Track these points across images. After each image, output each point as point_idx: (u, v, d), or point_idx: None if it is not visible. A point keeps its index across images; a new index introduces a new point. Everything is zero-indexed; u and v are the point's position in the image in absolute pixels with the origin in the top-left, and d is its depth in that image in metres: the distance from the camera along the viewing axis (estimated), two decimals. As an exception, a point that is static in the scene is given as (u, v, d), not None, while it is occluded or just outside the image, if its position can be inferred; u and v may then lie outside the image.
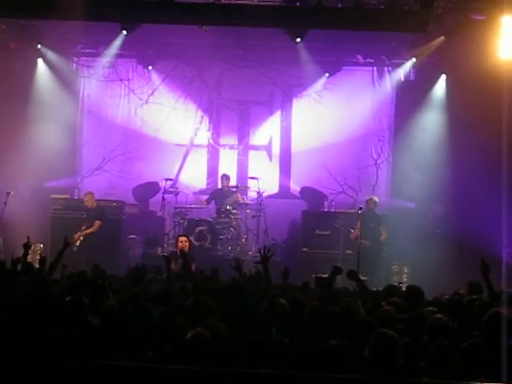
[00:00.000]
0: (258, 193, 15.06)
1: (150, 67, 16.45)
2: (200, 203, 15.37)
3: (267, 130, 16.83)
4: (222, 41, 15.06)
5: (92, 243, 13.82)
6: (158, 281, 8.41)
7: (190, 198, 15.74)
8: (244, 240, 15.11)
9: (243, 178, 16.36)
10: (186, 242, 11.95)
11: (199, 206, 15.39)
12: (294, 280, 8.58)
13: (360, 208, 13.58)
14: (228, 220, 14.90)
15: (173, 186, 15.70)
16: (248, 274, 8.56)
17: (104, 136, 16.64)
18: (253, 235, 15.21)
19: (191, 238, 13.44)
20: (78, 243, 13.76)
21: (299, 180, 16.48)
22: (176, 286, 7.65)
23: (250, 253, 14.71)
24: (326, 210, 15.49)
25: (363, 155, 16.31)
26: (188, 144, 16.81)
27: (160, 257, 13.29)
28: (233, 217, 14.96)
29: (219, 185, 15.82)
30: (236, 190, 15.35)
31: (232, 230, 14.91)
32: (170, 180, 15.53)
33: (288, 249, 15.13)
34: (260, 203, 14.96)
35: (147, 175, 16.29)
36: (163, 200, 15.01)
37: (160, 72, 16.63)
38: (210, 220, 14.84)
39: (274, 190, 16.48)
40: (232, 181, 15.71)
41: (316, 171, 16.12)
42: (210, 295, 7.04)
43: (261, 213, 14.90)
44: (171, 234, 15.02)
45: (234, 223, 14.98)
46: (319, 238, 14.48)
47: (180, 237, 12.33)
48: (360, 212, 13.44)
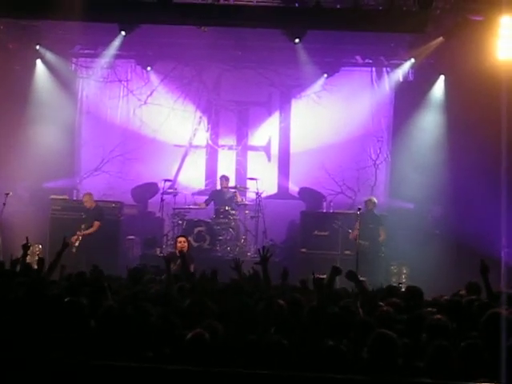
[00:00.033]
0: (257, 193, 15.04)
1: (148, 68, 16.43)
2: (198, 205, 15.34)
3: (266, 131, 16.83)
4: (221, 41, 15.07)
5: (91, 244, 13.81)
6: (157, 281, 8.41)
7: (189, 198, 15.73)
8: (243, 241, 15.09)
9: (242, 178, 16.35)
10: (185, 243, 11.95)
11: (198, 207, 15.38)
12: (292, 281, 8.58)
13: (359, 209, 13.57)
14: (227, 221, 14.89)
15: (171, 186, 15.69)
16: (247, 275, 8.55)
17: (103, 137, 16.62)
18: (251, 236, 15.21)
19: (190, 238, 13.45)
20: (78, 243, 13.76)
21: (298, 181, 16.47)
22: (175, 287, 7.66)
23: (248, 253, 14.70)
24: (324, 211, 15.49)
25: (362, 156, 16.30)
26: (187, 145, 16.80)
27: (159, 257, 13.32)
28: (231, 217, 14.94)
29: (218, 186, 15.81)
30: (235, 190, 15.34)
31: (231, 230, 14.90)
32: (168, 181, 15.51)
33: (287, 249, 15.12)
34: (259, 204, 14.94)
35: (146, 176, 16.28)
36: (162, 201, 15.00)
37: (159, 73, 16.62)
38: (209, 221, 14.82)
39: (273, 190, 16.46)
40: (231, 181, 15.70)
41: (315, 172, 16.12)
42: (209, 296, 7.05)
43: (259, 213, 14.89)
44: (170, 234, 15.02)
45: (233, 224, 14.97)
46: (318, 238, 14.46)
47: (179, 237, 12.32)
48: (359, 213, 13.44)
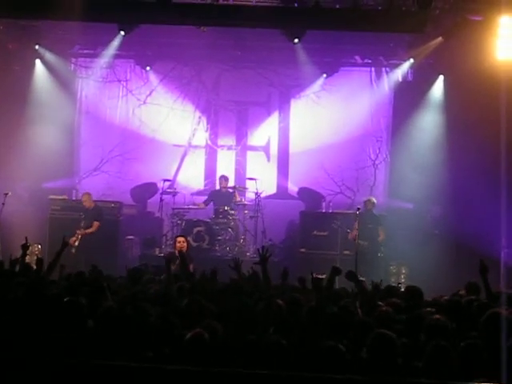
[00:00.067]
0: (256, 193, 15.03)
1: (147, 68, 16.43)
2: (198, 205, 15.33)
3: (265, 131, 16.82)
4: (220, 41, 15.07)
5: (90, 244, 13.79)
6: (156, 281, 8.40)
7: (188, 198, 15.72)
8: (242, 241, 15.08)
9: (241, 178, 16.34)
10: (184, 243, 11.95)
11: (197, 207, 15.37)
12: (292, 280, 8.58)
13: (358, 209, 13.57)
14: (226, 221, 14.88)
15: (171, 186, 15.67)
16: (246, 275, 8.55)
17: (102, 137, 16.62)
18: (251, 236, 15.19)
19: (189, 238, 13.45)
20: (77, 243, 13.74)
21: (297, 181, 16.47)
22: (174, 287, 7.66)
23: (248, 253, 14.68)
24: (323, 211, 15.49)
25: (361, 156, 16.30)
26: (186, 145, 16.80)
27: (158, 257, 13.33)
28: (231, 217, 14.93)
29: (217, 186, 15.81)
30: (234, 190, 15.34)
31: (230, 230, 14.89)
32: (167, 181, 15.50)
33: (286, 249, 15.12)
34: (258, 204, 14.93)
35: (145, 176, 16.28)
36: (161, 201, 14.99)
37: (158, 73, 16.61)
38: (208, 221, 14.81)
39: (272, 190, 16.46)
40: (230, 181, 15.68)
41: (314, 172, 16.12)
42: (209, 296, 7.05)
43: (259, 213, 14.88)
44: (169, 234, 15.01)
45: (232, 224, 14.95)
46: (317, 238, 14.46)
47: (178, 237, 12.32)
48: (358, 213, 13.45)
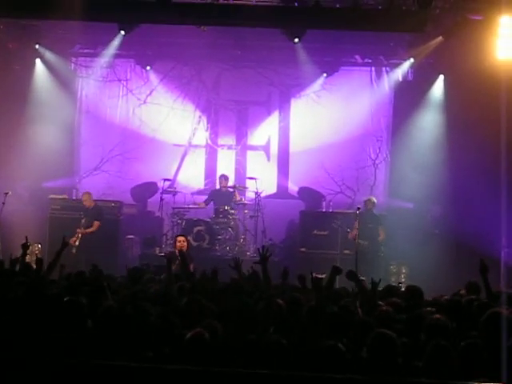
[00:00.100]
0: (256, 193, 15.03)
1: (148, 67, 16.42)
2: (198, 205, 15.33)
3: (265, 131, 16.82)
4: (220, 41, 15.06)
5: (90, 243, 13.79)
6: (156, 281, 8.40)
7: (188, 198, 15.72)
8: (242, 240, 15.07)
9: (241, 178, 16.34)
10: (185, 242, 11.96)
11: (197, 206, 15.37)
12: (291, 280, 8.58)
13: (358, 208, 13.58)
14: (226, 220, 14.87)
15: (171, 186, 15.67)
16: (246, 274, 8.55)
17: (102, 136, 16.61)
18: (251, 235, 15.19)
19: (189, 238, 13.45)
20: (77, 243, 13.73)
21: (297, 180, 16.47)
22: (175, 287, 7.65)
23: (248, 253, 14.68)
24: (323, 211, 15.48)
25: (361, 155, 16.29)
26: (186, 144, 16.79)
27: (158, 257, 13.33)
28: (231, 217, 14.93)
29: (217, 185, 15.81)
30: (234, 190, 15.33)
31: (230, 230, 14.89)
32: (168, 180, 15.50)
33: (286, 249, 15.12)
34: (258, 203, 14.92)
35: (145, 175, 16.28)
36: (161, 200, 14.98)
37: (158, 72, 16.61)
38: (208, 220, 14.81)
39: (272, 190, 16.45)
40: (230, 181, 15.68)
41: (314, 171, 16.11)
42: (209, 295, 7.05)
43: (259, 213, 14.88)
44: (169, 234, 15.00)
45: (232, 223, 14.95)
46: (317, 238, 14.45)
47: (178, 237, 12.33)
48: (358, 212, 13.46)
